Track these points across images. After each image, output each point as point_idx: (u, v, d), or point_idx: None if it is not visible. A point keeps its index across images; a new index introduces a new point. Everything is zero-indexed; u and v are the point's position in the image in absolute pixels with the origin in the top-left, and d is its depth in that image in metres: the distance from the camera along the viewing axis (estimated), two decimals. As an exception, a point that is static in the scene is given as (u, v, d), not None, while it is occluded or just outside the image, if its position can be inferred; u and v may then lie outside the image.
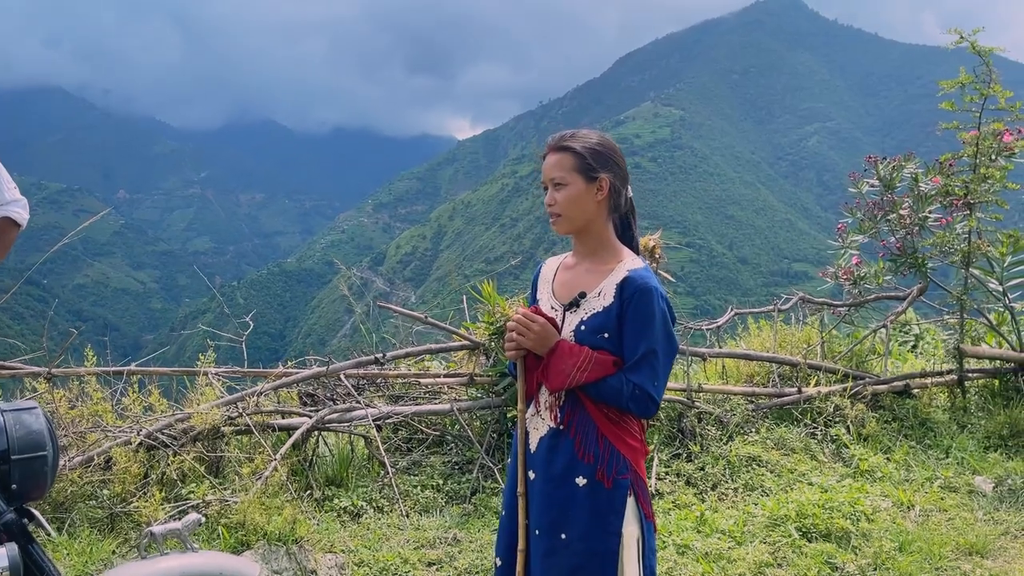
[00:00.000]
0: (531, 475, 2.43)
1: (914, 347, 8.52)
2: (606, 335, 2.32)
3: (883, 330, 6.82)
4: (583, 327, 2.35)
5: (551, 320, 2.40)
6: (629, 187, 2.49)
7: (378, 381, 5.20)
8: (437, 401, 5.19)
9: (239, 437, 4.52)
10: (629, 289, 2.31)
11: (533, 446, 2.43)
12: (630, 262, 2.41)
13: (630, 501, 2.32)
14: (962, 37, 6.40)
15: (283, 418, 4.66)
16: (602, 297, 2.36)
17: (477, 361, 5.32)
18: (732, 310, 6.87)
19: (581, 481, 2.33)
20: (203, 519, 3.23)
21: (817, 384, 6.34)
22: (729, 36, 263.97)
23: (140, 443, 4.03)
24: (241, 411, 4.31)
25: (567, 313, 2.41)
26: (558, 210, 2.39)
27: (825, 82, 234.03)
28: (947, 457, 5.84)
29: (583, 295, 2.38)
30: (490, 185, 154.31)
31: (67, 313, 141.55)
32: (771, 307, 6.85)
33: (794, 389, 6.21)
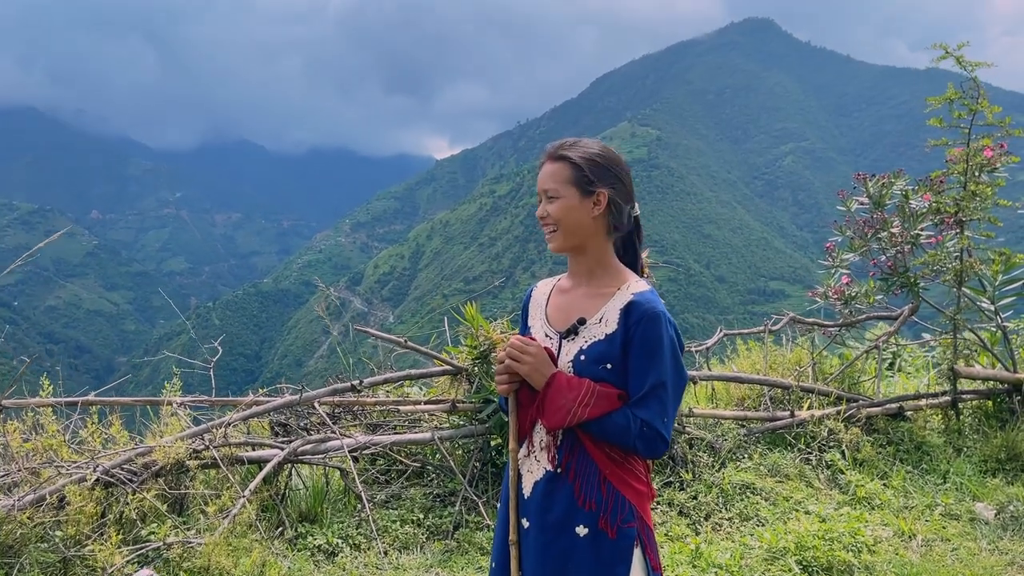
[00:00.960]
0: (524, 523, 2.18)
1: (891, 365, 8.37)
2: (609, 366, 2.09)
3: (875, 351, 6.65)
4: (583, 357, 2.13)
5: (547, 350, 2.17)
6: (636, 205, 2.27)
7: (355, 409, 4.94)
8: (417, 430, 4.93)
9: (207, 471, 4.24)
10: (635, 315, 2.09)
11: (527, 490, 2.18)
12: (634, 284, 2.19)
13: (636, 552, 2.08)
14: (947, 52, 6.27)
15: (253, 450, 4.39)
16: (604, 324, 2.13)
17: (460, 387, 5.08)
18: (721, 331, 6.68)
19: (582, 530, 2.08)
20: None
21: (810, 407, 6.15)
22: (704, 57, 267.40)
23: (97, 480, 3.73)
24: (208, 444, 4.03)
25: (564, 341, 2.18)
26: (551, 222, 2.18)
27: (799, 102, 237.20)
28: (945, 482, 5.65)
29: (582, 322, 2.15)
30: (468, 204, 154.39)
31: (38, 335, 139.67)
32: (761, 328, 6.66)
33: (787, 413, 6.01)
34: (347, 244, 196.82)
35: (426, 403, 5.03)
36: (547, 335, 2.23)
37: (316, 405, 4.65)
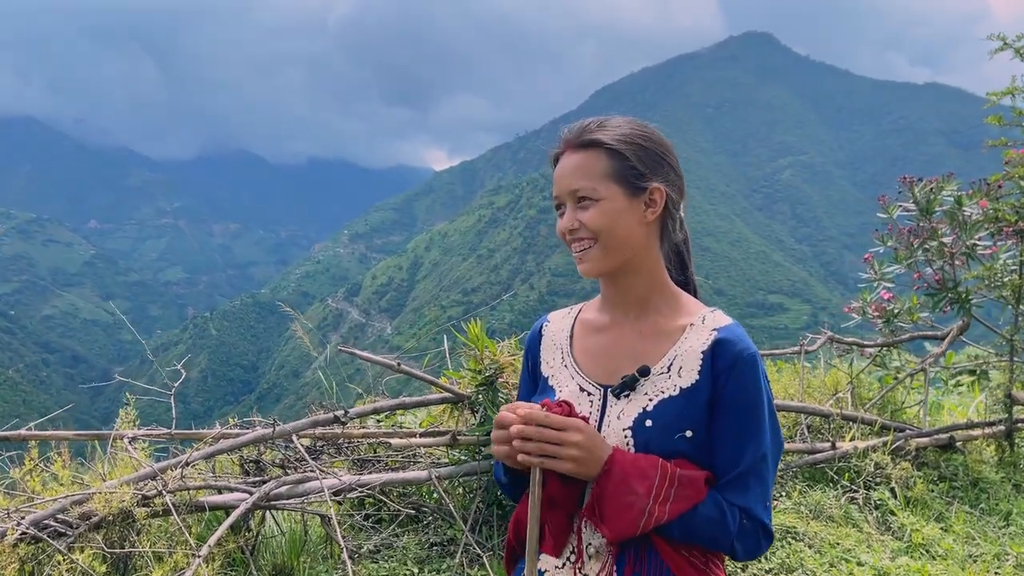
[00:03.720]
0: None
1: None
2: (689, 433, 1.46)
3: (921, 374, 6.00)
4: (649, 423, 1.47)
5: (583, 419, 1.49)
6: (684, 205, 1.64)
7: (340, 442, 4.28)
8: (412, 467, 4.27)
9: (165, 518, 3.57)
10: (726, 359, 1.47)
11: None
12: (712, 317, 1.56)
13: None
14: (1005, 43, 5.68)
15: (220, 494, 3.72)
16: (677, 373, 1.50)
17: (461, 417, 4.42)
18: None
19: None
20: None
21: (852, 438, 5.49)
22: (703, 71, 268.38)
23: (22, 535, 3.08)
24: (160, 488, 3.37)
25: (611, 398, 1.52)
26: (588, 235, 1.53)
27: (798, 116, 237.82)
28: (1008, 524, 5.00)
29: (645, 371, 1.50)
30: (467, 216, 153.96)
31: (34, 345, 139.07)
32: (796, 348, 6.02)
33: (827, 444, 5.35)
34: (345, 255, 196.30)
35: (422, 435, 4.37)
36: (583, 390, 1.56)
37: (295, 439, 3.99)
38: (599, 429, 1.50)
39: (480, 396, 4.27)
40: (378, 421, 4.68)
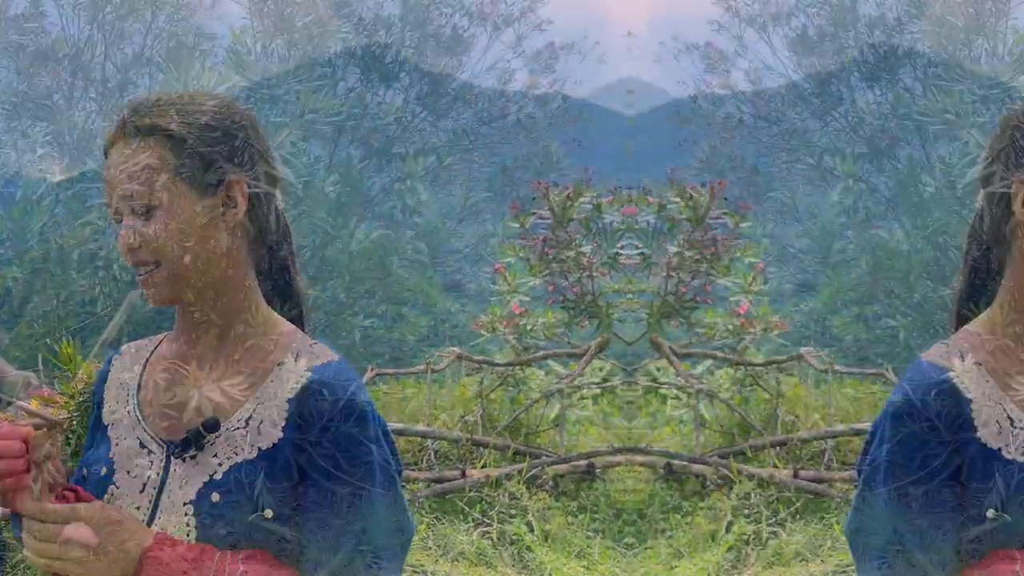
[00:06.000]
0: None
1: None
2: (269, 513, 1.04)
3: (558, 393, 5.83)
4: (216, 497, 1.05)
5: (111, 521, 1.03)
6: (278, 191, 1.19)
7: None
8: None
9: None
10: (317, 409, 1.06)
11: None
12: (309, 352, 1.12)
13: None
14: None
15: None
16: (256, 429, 1.08)
17: (57, 445, 3.23)
18: (374, 371, 5.53)
19: None
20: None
21: (484, 465, 5.22)
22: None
23: None
24: None
25: (176, 462, 1.09)
26: (150, 256, 1.08)
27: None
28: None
29: (212, 426, 1.06)
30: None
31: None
32: (422, 367, 5.74)
33: (457, 472, 5.06)
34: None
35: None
36: (143, 446, 1.12)
37: None
38: (157, 502, 1.09)
39: (75, 423, 3.29)
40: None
